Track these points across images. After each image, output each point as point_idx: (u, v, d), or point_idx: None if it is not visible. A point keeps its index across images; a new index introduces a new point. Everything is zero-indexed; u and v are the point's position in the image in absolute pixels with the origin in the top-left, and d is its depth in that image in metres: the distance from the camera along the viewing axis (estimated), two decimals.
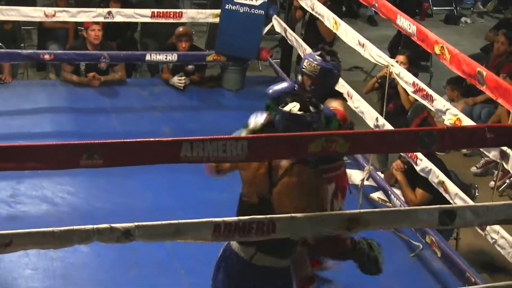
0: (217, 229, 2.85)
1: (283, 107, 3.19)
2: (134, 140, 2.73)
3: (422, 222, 3.19)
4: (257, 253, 3.22)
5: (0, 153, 2.65)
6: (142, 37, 7.97)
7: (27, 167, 2.74)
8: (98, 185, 5.20)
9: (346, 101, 4.24)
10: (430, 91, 4.51)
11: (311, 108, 3.18)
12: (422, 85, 4.61)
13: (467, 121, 4.20)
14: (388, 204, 5.15)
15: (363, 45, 5.21)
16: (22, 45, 7.90)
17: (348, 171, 5.62)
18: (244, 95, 7.13)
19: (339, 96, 4.06)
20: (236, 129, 3.51)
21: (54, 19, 6.74)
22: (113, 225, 2.76)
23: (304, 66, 3.97)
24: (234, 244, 3.28)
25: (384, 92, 5.59)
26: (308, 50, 6.22)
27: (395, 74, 4.89)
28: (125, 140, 2.73)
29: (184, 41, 6.84)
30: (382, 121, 4.98)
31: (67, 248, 2.81)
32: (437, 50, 4.17)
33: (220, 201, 5.02)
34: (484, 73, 3.75)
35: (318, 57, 3.94)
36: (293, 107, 3.17)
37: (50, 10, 6.65)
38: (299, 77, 4.00)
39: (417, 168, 4.64)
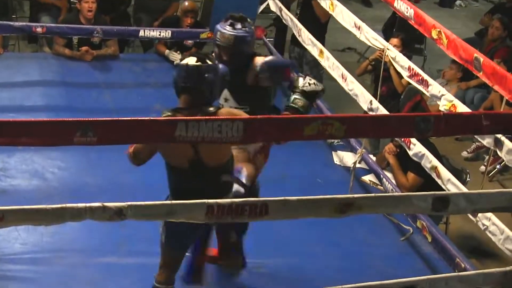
0: (210, 210, 2.84)
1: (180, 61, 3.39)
2: (129, 118, 2.71)
3: (415, 208, 3.18)
4: None
5: None
6: (136, 12, 7.89)
7: (20, 143, 2.71)
8: (89, 160, 5.17)
9: None
10: (426, 76, 4.49)
11: (207, 61, 3.37)
12: (417, 69, 4.59)
13: (462, 107, 4.19)
14: (379, 187, 5.16)
15: (359, 28, 5.17)
16: (14, 16, 7.82)
17: (340, 153, 5.67)
18: None
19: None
20: None
21: None
22: (105, 204, 2.74)
23: (218, 39, 3.93)
24: None
25: (378, 75, 5.58)
26: (303, 29, 6.19)
27: (391, 58, 4.86)
28: (119, 118, 2.70)
29: (190, 17, 6.80)
30: (376, 104, 4.96)
31: None
32: (434, 34, 4.14)
33: None
34: (481, 59, 3.74)
35: (229, 27, 3.94)
36: (190, 61, 3.35)
37: None
38: (215, 50, 3.98)
39: (410, 153, 4.64)
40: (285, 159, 5.47)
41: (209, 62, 3.39)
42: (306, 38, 6.14)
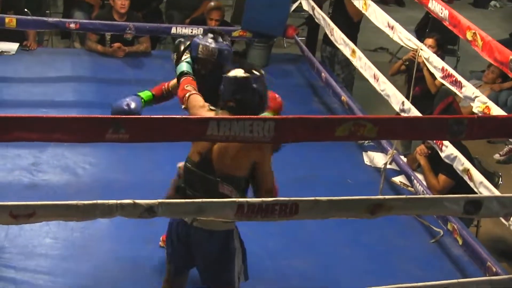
0: (240, 209, 2.82)
1: (227, 73, 3.34)
2: (162, 116, 2.71)
3: (447, 211, 3.14)
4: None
5: (27, 123, 2.64)
6: (168, 9, 7.93)
7: (53, 139, 2.72)
8: (120, 157, 5.19)
9: None
10: (459, 77, 4.44)
11: (254, 72, 3.33)
12: (451, 70, 4.55)
13: (496, 110, 4.14)
14: (410, 188, 5.11)
15: (392, 27, 5.13)
16: (48, 12, 7.89)
17: (371, 153, 5.64)
18: (269, 72, 6.96)
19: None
20: None
21: None
22: (136, 201, 2.74)
23: (199, 52, 3.74)
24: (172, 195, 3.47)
25: (411, 75, 5.53)
26: (336, 29, 6.16)
27: (424, 58, 4.81)
28: (152, 116, 2.70)
29: (215, 19, 6.80)
30: (408, 105, 4.92)
31: None
32: (469, 36, 4.10)
33: None
34: None
35: (211, 40, 3.76)
36: (237, 73, 3.32)
37: None
38: (195, 65, 3.78)
39: (442, 155, 4.59)
40: (315, 159, 5.46)
41: (256, 73, 3.33)
42: (338, 37, 6.11)
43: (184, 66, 3.73)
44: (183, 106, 3.56)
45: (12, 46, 6.74)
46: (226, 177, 3.35)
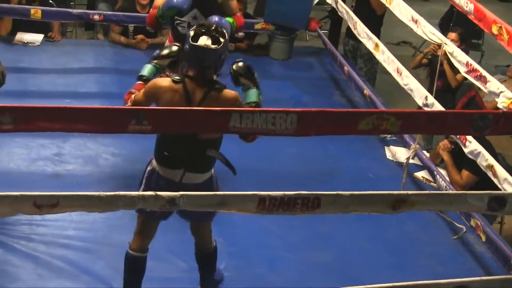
0: (261, 202, 2.82)
1: (195, 41, 3.36)
2: (184, 108, 2.72)
3: (470, 207, 3.13)
4: (186, 173, 3.47)
5: (50, 113, 2.66)
6: None
7: (76, 129, 2.73)
8: (142, 147, 5.17)
9: None
10: (484, 72, 4.40)
11: (221, 39, 3.38)
12: (475, 65, 4.50)
13: None
14: (432, 184, 5.08)
15: (416, 21, 5.09)
16: (72, 3, 7.92)
17: (393, 148, 5.61)
18: (291, 65, 7.07)
19: None
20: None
21: None
22: (158, 192, 2.75)
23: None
24: (158, 167, 3.52)
25: (433, 69, 5.49)
26: (359, 22, 6.13)
27: (448, 52, 4.77)
28: (174, 108, 2.71)
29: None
30: (431, 99, 4.88)
31: None
32: (494, 30, 4.05)
33: (260, 171, 5.02)
34: None
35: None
36: (206, 41, 3.35)
37: None
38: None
39: (466, 150, 4.55)
40: (337, 152, 5.45)
41: (222, 40, 3.40)
42: (361, 31, 6.08)
43: (146, 69, 3.97)
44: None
45: (37, 37, 6.78)
46: (209, 140, 3.43)
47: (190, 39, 3.38)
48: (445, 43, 4.85)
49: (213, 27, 3.41)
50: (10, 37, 6.74)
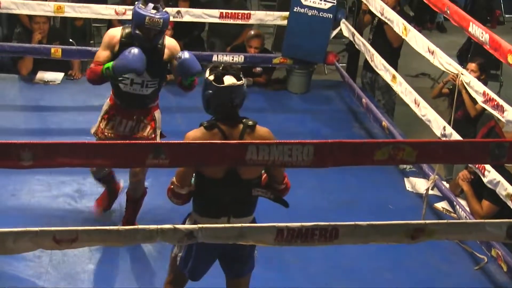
0: (279, 234, 2.83)
1: (221, 82, 3.32)
2: (201, 142, 2.74)
3: (489, 235, 3.10)
4: (231, 219, 3.37)
5: (69, 149, 2.69)
6: (209, 37, 8.01)
7: (95, 164, 2.78)
8: (161, 183, 5.20)
9: None
10: (501, 101, 4.39)
11: (240, 74, 3.38)
12: (492, 94, 4.50)
13: None
14: (452, 214, 5.06)
15: (432, 52, 5.12)
16: (92, 42, 8.04)
17: (413, 179, 5.60)
18: (309, 98, 7.10)
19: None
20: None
21: (124, 17, 6.83)
22: (176, 225, 2.77)
23: (146, 23, 4.23)
24: (199, 219, 3.39)
25: (453, 99, 5.49)
26: (376, 54, 6.17)
27: (465, 83, 4.78)
28: (192, 142, 2.74)
29: (254, 47, 6.87)
30: (449, 130, 4.89)
31: None
32: (510, 59, 4.06)
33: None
34: None
35: (153, 11, 4.25)
36: (232, 80, 3.34)
37: (120, 8, 6.75)
38: (136, 31, 4.30)
39: (485, 180, 4.54)
40: (356, 184, 5.45)
41: (242, 76, 3.39)
42: (378, 63, 6.11)
43: None
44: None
45: (58, 76, 6.88)
46: (252, 180, 3.39)
47: (213, 82, 3.33)
48: (462, 73, 4.87)
49: (229, 65, 3.41)
50: (31, 76, 6.85)
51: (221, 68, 3.37)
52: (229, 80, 3.33)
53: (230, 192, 3.34)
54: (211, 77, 3.34)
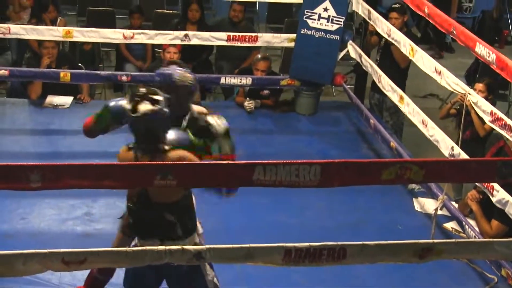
0: (287, 254, 2.84)
1: (134, 111, 3.26)
2: (208, 162, 2.76)
3: (497, 254, 3.10)
4: (164, 242, 3.27)
5: (77, 171, 2.72)
6: (217, 60, 8.06)
7: (103, 186, 2.79)
8: None
9: None
10: (509, 121, 4.40)
11: (159, 100, 3.29)
12: (500, 114, 4.51)
13: None
14: (462, 234, 5.04)
15: (439, 73, 5.13)
16: (101, 65, 8.10)
17: (421, 199, 5.58)
18: (317, 120, 7.12)
19: None
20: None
21: (132, 41, 6.90)
22: (185, 246, 2.78)
23: (177, 78, 3.97)
24: (138, 242, 3.38)
25: (461, 120, 5.49)
26: (383, 76, 6.18)
27: (472, 102, 4.79)
28: (199, 162, 2.76)
29: (261, 70, 6.90)
30: (457, 150, 4.89)
31: None
32: None
33: (289, 225, 5.04)
34: None
35: (181, 68, 4.05)
36: (144, 107, 3.26)
37: (128, 32, 6.82)
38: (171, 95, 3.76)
39: (494, 199, 4.52)
40: (364, 205, 5.44)
41: (161, 100, 3.32)
42: (386, 84, 6.13)
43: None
44: None
45: (67, 100, 6.92)
46: (166, 205, 3.34)
47: (129, 112, 3.29)
48: (469, 93, 4.87)
49: (146, 90, 3.36)
50: (40, 100, 6.89)
51: (137, 94, 3.32)
52: (144, 107, 3.27)
53: (142, 215, 3.33)
54: (128, 106, 3.31)
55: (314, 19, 6.77)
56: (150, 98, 3.29)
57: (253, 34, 7.05)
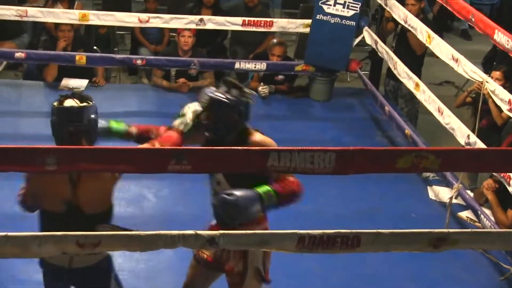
0: (301, 241, 2.82)
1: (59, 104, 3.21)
2: (223, 148, 2.75)
3: None
4: (74, 256, 3.20)
5: (92, 154, 2.71)
6: (232, 44, 8.03)
7: (118, 170, 2.79)
8: (184, 189, 5.25)
9: None
10: None
11: (88, 101, 3.26)
12: None
13: None
14: (477, 224, 5.01)
15: (456, 60, 5.09)
16: (116, 49, 8.10)
17: (436, 188, 5.55)
18: (332, 106, 7.09)
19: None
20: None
21: (147, 25, 6.89)
22: (198, 231, 2.77)
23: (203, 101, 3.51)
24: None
25: (478, 108, 5.45)
26: (399, 62, 6.14)
27: (490, 91, 4.75)
28: (213, 148, 2.74)
29: (277, 55, 6.87)
30: (473, 138, 4.85)
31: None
32: None
33: (303, 211, 5.01)
34: None
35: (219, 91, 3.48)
36: (69, 103, 3.21)
37: (144, 16, 6.81)
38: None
39: (510, 189, 4.49)
40: (378, 193, 5.42)
41: (90, 103, 3.27)
42: (401, 71, 6.09)
43: (177, 121, 3.52)
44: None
45: (82, 83, 6.93)
46: (97, 214, 3.26)
47: (54, 104, 3.25)
48: (487, 81, 4.83)
49: (78, 93, 3.33)
50: (56, 83, 6.89)
51: (67, 95, 3.28)
52: (69, 102, 3.23)
53: (69, 224, 3.00)
54: (55, 103, 3.25)
55: (330, 5, 6.73)
56: (78, 97, 3.28)
57: (268, 19, 7.01)
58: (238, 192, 3.17)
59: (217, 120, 3.40)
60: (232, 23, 6.89)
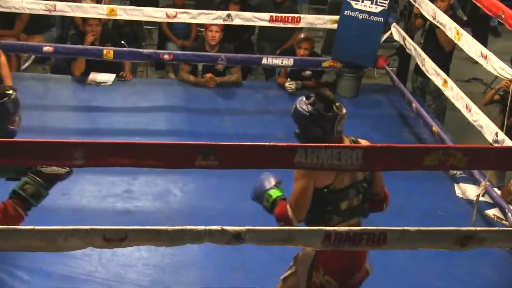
0: (327, 238, 2.81)
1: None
2: (250, 143, 2.74)
3: None
4: None
5: (119, 149, 2.72)
6: (259, 40, 8.03)
7: (144, 165, 2.79)
8: (210, 184, 5.27)
9: None
10: None
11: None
12: None
13: None
14: (504, 222, 4.97)
15: (485, 57, 5.04)
16: (143, 43, 8.13)
17: (463, 185, 5.51)
18: (359, 102, 7.06)
19: None
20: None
21: (175, 20, 6.91)
22: (224, 227, 2.77)
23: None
24: None
25: (506, 105, 5.40)
26: (427, 59, 6.10)
27: None
28: (241, 143, 2.74)
29: (304, 48, 6.87)
30: (501, 136, 4.80)
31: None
32: None
33: None
34: None
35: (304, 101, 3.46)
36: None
37: (171, 11, 6.83)
38: None
39: None
40: (406, 190, 5.39)
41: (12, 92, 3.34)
42: (429, 67, 6.04)
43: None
44: None
45: (109, 77, 6.97)
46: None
47: None
48: None
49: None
50: (83, 77, 6.95)
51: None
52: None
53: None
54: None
55: (358, 1, 6.70)
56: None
57: (296, 15, 7.00)
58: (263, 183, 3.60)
59: (301, 131, 3.45)
60: (260, 19, 6.89)
